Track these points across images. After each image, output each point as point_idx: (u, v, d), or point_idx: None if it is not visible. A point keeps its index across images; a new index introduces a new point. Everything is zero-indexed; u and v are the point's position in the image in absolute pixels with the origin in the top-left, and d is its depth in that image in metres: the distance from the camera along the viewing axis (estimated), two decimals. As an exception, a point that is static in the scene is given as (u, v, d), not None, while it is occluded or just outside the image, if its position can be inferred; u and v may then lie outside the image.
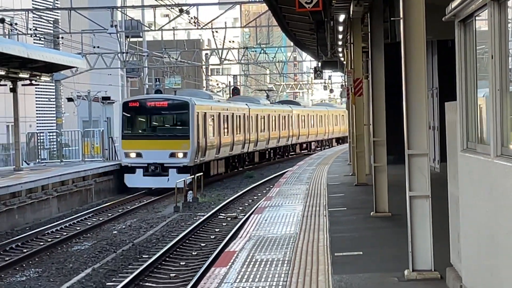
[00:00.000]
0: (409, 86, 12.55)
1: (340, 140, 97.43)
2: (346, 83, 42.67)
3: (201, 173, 42.95)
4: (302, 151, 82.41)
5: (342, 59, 42.61)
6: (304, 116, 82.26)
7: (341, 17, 25.16)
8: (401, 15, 12.61)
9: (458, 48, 10.45)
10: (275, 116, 71.44)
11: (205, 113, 48.75)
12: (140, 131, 48.20)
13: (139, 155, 45.24)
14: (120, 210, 36.74)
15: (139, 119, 48.48)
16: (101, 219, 33.44)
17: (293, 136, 76.37)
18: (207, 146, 48.50)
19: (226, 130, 55.32)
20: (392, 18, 22.44)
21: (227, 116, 55.49)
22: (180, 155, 44.66)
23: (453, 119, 11.20)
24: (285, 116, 74.71)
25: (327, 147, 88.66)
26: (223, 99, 62.71)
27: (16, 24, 52.98)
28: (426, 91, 12.75)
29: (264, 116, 67.67)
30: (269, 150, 70.14)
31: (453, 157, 11.20)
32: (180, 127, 47.34)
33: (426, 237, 12.56)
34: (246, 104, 62.76)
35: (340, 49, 39.07)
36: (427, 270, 12.56)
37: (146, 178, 44.48)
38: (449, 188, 11.71)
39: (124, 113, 47.03)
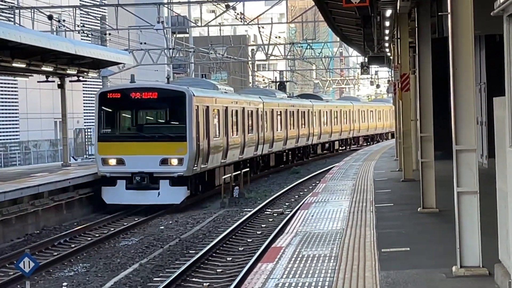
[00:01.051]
0: (457, 81, 12.46)
1: (369, 139, 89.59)
2: (393, 78, 42.40)
3: (247, 169, 42.64)
4: (324, 152, 73.13)
5: (389, 54, 42.47)
6: (326, 112, 71.76)
7: (388, 12, 25.04)
8: (449, 10, 12.52)
9: (506, 43, 10.36)
10: (293, 112, 61.05)
11: (207, 107, 38.64)
12: (122, 130, 37.39)
13: (120, 162, 35.31)
14: (168, 206, 36.13)
15: (122, 115, 37.81)
16: (148, 214, 33.36)
17: (314, 135, 65.70)
18: (211, 149, 38.40)
19: (235, 129, 44.93)
20: (439, 13, 22.34)
21: (236, 111, 45.15)
22: (175, 161, 34.86)
23: (501, 114, 11.11)
24: (304, 112, 64.60)
25: (354, 145, 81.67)
26: (231, 90, 50.04)
27: (64, 20, 53.27)
28: (474, 86, 12.66)
29: (280, 112, 57.51)
30: (286, 151, 59.47)
31: (502, 152, 11.12)
32: (175, 125, 37.37)
33: (474, 233, 12.47)
34: (260, 97, 52.72)
35: (386, 44, 38.94)
36: (475, 267, 12.48)
37: (130, 192, 34.57)
38: (497, 184, 11.62)
39: (101, 107, 36.67)
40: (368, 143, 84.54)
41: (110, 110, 37.14)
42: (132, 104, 36.99)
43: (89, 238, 27.44)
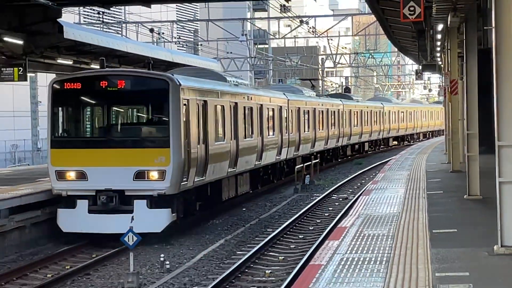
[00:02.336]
0: (500, 87, 12.35)
1: (400, 139, 77.51)
2: (443, 84, 42.06)
3: (317, 160, 42.16)
4: (354, 153, 61.36)
5: (440, 62, 42.07)
6: (357, 112, 60.11)
7: (440, 27, 24.85)
8: (493, 25, 12.42)
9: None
10: (322, 111, 49.35)
11: (205, 102, 25.66)
12: (83, 133, 24.93)
13: (81, 175, 22.99)
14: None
15: (83, 112, 24.66)
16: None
17: (344, 136, 53.62)
18: (210, 157, 25.76)
19: (248, 129, 31.56)
20: (485, 27, 22.10)
21: (251, 108, 32.08)
22: (154, 175, 22.82)
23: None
24: (334, 112, 53.33)
25: (382, 147, 71.23)
26: (246, 83, 35.56)
27: (163, 33, 53.76)
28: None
29: (308, 111, 45.10)
30: (314, 154, 44.23)
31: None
32: (154, 126, 24.64)
33: (514, 216, 12.36)
34: (284, 94, 38.94)
35: (438, 54, 38.63)
36: (514, 246, 12.38)
37: (94, 217, 22.47)
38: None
39: (55, 102, 23.71)
40: (398, 144, 75.63)
41: (67, 105, 24.11)
42: (97, 97, 24.10)
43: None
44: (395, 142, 76.17)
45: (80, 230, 22.27)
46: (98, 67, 27.17)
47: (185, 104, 23.38)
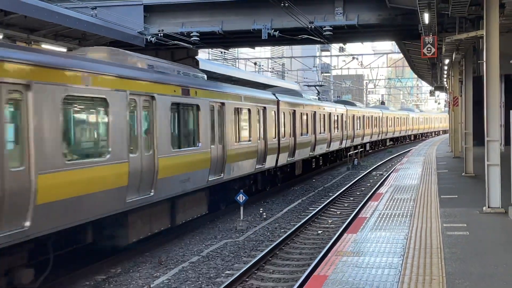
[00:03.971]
0: (488, 100, 12.18)
1: (395, 140, 62.00)
2: (448, 99, 41.27)
3: (362, 149, 41.93)
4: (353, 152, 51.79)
5: (446, 85, 41.25)
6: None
7: (447, 61, 24.38)
8: (484, 60, 12.23)
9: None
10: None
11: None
12: None
13: None
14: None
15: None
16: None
17: (348, 138, 38.36)
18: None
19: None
20: (478, 61, 21.67)
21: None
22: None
23: (515, 120, 10.86)
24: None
25: (382, 147, 55.39)
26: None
27: (262, 65, 54.02)
28: (499, 103, 12.32)
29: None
30: (316, 157, 31.14)
31: (514, 142, 10.84)
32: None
33: (496, 188, 12.21)
34: (274, 95, 23.17)
35: (445, 79, 37.86)
36: (496, 207, 12.22)
37: None
38: None
39: None
40: (393, 143, 62.06)
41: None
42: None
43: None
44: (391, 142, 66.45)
45: None
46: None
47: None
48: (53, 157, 9.39)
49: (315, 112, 29.60)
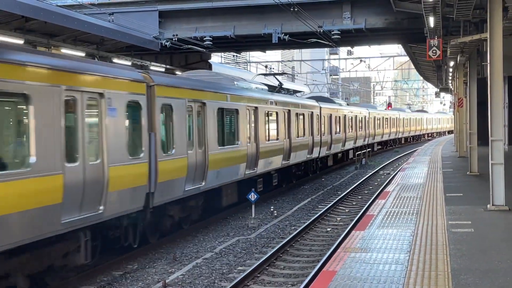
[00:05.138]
0: (492, 101, 12.12)
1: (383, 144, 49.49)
2: (453, 100, 41.09)
3: (370, 149, 41.75)
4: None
5: (451, 87, 41.06)
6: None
7: (451, 63, 24.29)
8: (488, 61, 12.17)
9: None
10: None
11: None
12: None
13: None
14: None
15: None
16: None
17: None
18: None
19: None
20: (482, 63, 21.56)
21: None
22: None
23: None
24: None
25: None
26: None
27: (272, 68, 53.99)
28: (502, 104, 12.26)
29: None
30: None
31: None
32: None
33: (500, 186, 12.14)
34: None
35: (450, 81, 37.68)
36: (500, 205, 12.15)
37: None
38: (515, 159, 11.24)
39: None
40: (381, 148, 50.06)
41: None
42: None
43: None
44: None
45: None
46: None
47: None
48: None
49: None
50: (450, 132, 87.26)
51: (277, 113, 21.24)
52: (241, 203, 18.99)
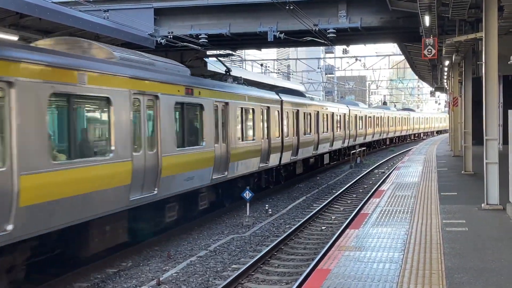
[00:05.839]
0: (487, 101, 12.14)
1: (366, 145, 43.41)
2: (448, 99, 41.19)
3: (365, 148, 41.56)
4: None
5: (446, 86, 41.16)
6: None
7: (447, 62, 24.31)
8: (483, 61, 12.18)
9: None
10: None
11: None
12: None
13: None
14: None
15: None
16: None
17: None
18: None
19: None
20: (478, 62, 21.59)
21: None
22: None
23: (513, 119, 10.82)
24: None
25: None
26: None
27: (268, 66, 53.97)
28: (497, 103, 12.28)
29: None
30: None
31: (512, 141, 10.79)
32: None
33: (495, 185, 12.16)
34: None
35: (445, 80, 37.77)
36: (495, 204, 12.17)
37: None
38: (510, 158, 11.28)
39: None
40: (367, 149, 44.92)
41: None
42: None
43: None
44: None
45: None
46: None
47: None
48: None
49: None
50: (439, 132, 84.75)
51: (201, 107, 14.95)
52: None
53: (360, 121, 39.92)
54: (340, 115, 33.90)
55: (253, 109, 19.11)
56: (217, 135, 15.87)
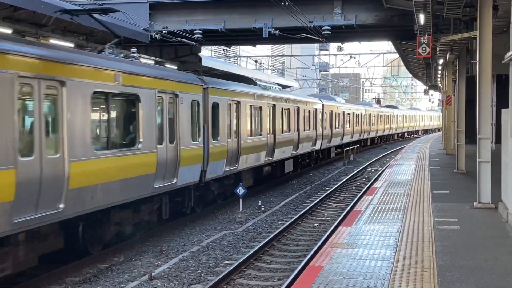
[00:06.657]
0: (481, 99, 12.15)
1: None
2: (442, 98, 41.25)
3: (358, 145, 41.57)
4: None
5: (440, 84, 41.23)
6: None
7: (441, 61, 24.33)
8: (477, 60, 12.19)
9: (511, 78, 10.03)
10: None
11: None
12: None
13: None
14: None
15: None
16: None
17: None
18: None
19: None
20: (472, 61, 21.63)
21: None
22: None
23: (505, 118, 10.85)
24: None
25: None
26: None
27: (262, 63, 53.88)
28: (490, 102, 12.30)
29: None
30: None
31: (505, 139, 10.82)
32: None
33: (487, 184, 12.20)
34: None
35: (439, 79, 37.82)
36: (487, 203, 12.20)
37: None
38: (502, 157, 11.32)
39: None
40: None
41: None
42: None
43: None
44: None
45: None
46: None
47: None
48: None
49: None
50: (426, 131, 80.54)
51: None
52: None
53: (337, 118, 34.58)
54: (309, 111, 27.57)
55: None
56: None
